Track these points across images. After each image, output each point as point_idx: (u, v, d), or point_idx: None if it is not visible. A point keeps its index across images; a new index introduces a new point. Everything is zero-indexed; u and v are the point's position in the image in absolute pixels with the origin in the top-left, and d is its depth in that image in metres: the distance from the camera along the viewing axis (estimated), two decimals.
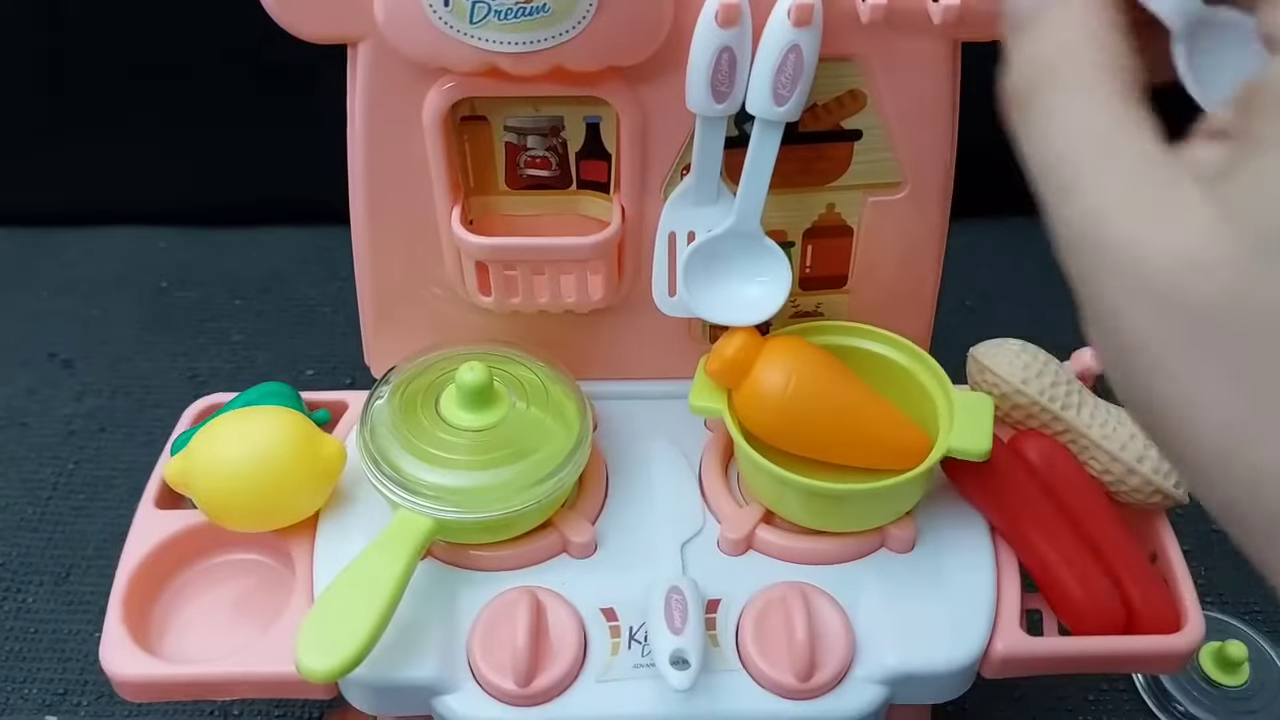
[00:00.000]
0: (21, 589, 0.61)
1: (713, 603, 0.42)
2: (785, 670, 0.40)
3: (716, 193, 0.44)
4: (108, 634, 0.42)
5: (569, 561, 0.44)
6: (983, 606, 0.43)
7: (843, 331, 0.47)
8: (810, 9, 0.39)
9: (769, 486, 0.44)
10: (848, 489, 0.42)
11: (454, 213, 0.45)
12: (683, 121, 0.43)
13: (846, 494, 0.42)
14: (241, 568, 0.45)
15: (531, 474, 0.42)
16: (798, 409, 0.43)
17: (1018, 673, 0.43)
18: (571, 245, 0.45)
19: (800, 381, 0.43)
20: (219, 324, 0.77)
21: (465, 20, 0.39)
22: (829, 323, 0.47)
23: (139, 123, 0.78)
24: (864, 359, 0.46)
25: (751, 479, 0.45)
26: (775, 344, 0.44)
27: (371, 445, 0.43)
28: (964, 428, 0.42)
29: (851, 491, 0.42)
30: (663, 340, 0.49)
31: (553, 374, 0.46)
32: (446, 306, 0.48)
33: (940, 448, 0.42)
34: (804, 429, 0.44)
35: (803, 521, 0.44)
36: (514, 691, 0.39)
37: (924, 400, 0.45)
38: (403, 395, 0.44)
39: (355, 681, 0.40)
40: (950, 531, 0.45)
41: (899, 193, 0.46)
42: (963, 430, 0.42)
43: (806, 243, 0.47)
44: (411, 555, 0.40)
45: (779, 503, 0.44)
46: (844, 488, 0.42)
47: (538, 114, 0.44)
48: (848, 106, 0.44)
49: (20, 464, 0.67)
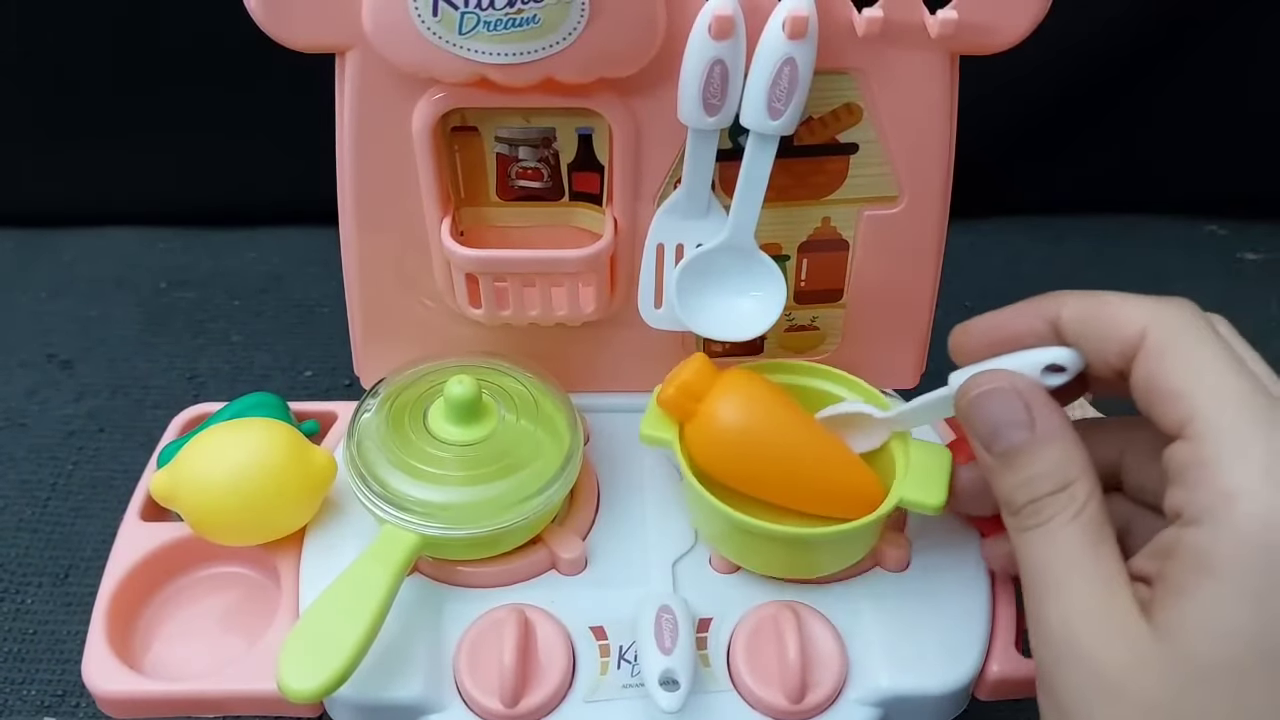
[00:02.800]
0: (20, 590, 0.61)
1: (704, 622, 0.42)
2: (777, 691, 0.40)
3: (707, 206, 0.43)
4: (90, 649, 0.41)
5: (558, 579, 0.44)
6: (978, 627, 0.42)
7: (801, 371, 0.46)
8: (805, 21, 0.38)
9: (707, 520, 0.43)
10: (787, 531, 0.41)
11: (444, 224, 0.44)
12: (676, 134, 0.42)
13: (788, 536, 0.41)
14: (227, 581, 0.45)
15: (521, 489, 0.42)
16: (750, 444, 0.42)
17: (1013, 695, 0.42)
18: (563, 258, 0.45)
19: (755, 417, 0.42)
20: (218, 325, 0.76)
21: (454, 31, 0.38)
22: (788, 361, 0.47)
23: (139, 123, 0.78)
24: (823, 400, 0.45)
25: (693, 510, 0.44)
26: (731, 377, 0.43)
27: (358, 460, 0.42)
28: (918, 479, 0.41)
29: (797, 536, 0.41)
30: (655, 353, 0.48)
31: (543, 386, 0.45)
32: (436, 318, 0.48)
33: (892, 498, 0.41)
34: (755, 466, 0.42)
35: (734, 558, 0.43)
36: (501, 712, 0.39)
37: (880, 448, 0.43)
38: (390, 409, 0.44)
39: (340, 701, 0.40)
40: (945, 550, 0.44)
41: (895, 206, 0.45)
42: (917, 482, 0.41)
43: (802, 256, 0.47)
44: (398, 572, 0.40)
45: (718, 539, 0.43)
46: (783, 529, 0.41)
47: (529, 125, 0.44)
48: (844, 120, 0.43)
49: (19, 465, 0.67)
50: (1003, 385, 0.34)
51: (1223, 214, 0.86)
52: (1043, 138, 0.81)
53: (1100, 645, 0.30)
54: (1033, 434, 0.33)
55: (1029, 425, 0.33)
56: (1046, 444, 0.33)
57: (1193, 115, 0.79)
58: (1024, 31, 0.40)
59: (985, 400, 0.34)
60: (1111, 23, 0.75)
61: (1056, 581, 0.31)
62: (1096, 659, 0.30)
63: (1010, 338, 0.36)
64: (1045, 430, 0.33)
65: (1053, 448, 0.33)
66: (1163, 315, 0.32)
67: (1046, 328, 0.35)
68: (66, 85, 0.77)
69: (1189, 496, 0.30)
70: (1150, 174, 0.83)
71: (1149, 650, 0.29)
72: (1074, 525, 0.32)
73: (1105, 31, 0.75)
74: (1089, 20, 0.73)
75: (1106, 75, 0.78)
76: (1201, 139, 0.80)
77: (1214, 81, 0.78)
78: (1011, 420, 0.33)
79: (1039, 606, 0.32)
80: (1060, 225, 0.85)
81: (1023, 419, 0.33)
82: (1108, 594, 0.31)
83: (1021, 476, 0.33)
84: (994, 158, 0.79)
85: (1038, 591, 0.32)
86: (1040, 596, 0.32)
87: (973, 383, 0.35)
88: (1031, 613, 0.32)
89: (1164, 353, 0.31)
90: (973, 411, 0.35)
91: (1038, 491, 0.32)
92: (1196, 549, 0.29)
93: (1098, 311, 0.34)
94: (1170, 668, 0.29)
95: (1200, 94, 0.78)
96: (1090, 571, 0.31)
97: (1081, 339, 0.34)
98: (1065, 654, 0.31)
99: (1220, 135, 0.80)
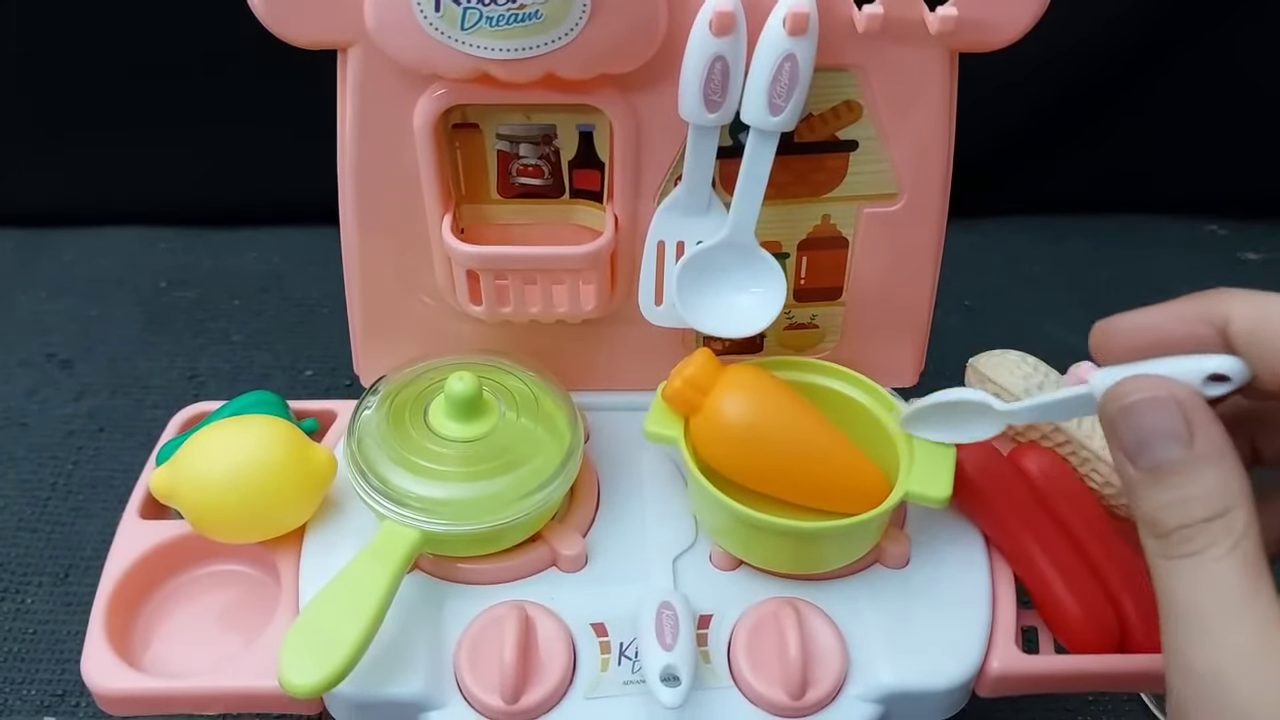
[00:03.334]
0: (20, 590, 0.61)
1: (704, 618, 0.42)
2: (778, 688, 0.39)
3: (708, 203, 0.43)
4: (90, 646, 0.41)
5: (559, 575, 0.44)
6: (978, 623, 0.42)
7: (805, 368, 0.46)
8: (805, 18, 0.38)
9: (713, 515, 0.43)
10: (794, 525, 0.41)
11: (445, 221, 0.44)
12: (677, 131, 0.42)
13: (794, 530, 0.41)
14: (226, 579, 0.45)
15: (521, 486, 0.42)
16: (755, 438, 0.42)
17: (1013, 691, 0.42)
18: (564, 255, 0.45)
19: (760, 410, 0.42)
20: (218, 324, 0.77)
21: (456, 26, 0.38)
22: (791, 358, 0.47)
23: (138, 123, 0.78)
24: (826, 397, 0.45)
25: (698, 505, 0.44)
26: (736, 371, 0.43)
27: (359, 456, 0.42)
28: (924, 473, 0.41)
29: (803, 530, 0.41)
30: (656, 351, 0.48)
31: (543, 384, 0.45)
32: (437, 316, 0.48)
33: (898, 492, 0.41)
34: (759, 460, 0.42)
35: (739, 553, 0.43)
36: (501, 708, 0.39)
37: (885, 443, 0.44)
38: (391, 406, 0.44)
39: (340, 697, 0.40)
40: (945, 546, 0.44)
41: (895, 204, 0.45)
42: (922, 475, 0.41)
43: (801, 254, 0.47)
44: (398, 568, 0.40)
45: (722, 533, 0.43)
46: (789, 524, 0.41)
47: (530, 122, 0.44)
48: (843, 117, 0.43)
49: (19, 464, 0.67)
50: (1161, 394, 0.31)
51: (1223, 214, 0.86)
52: (1043, 138, 0.81)
53: (1253, 693, 0.28)
54: (1191, 451, 0.30)
55: (1187, 441, 0.30)
56: (1206, 464, 0.30)
57: (1193, 115, 0.79)
58: (1023, 29, 0.40)
59: (1140, 409, 0.31)
60: (1112, 22, 0.75)
61: (1207, 619, 0.29)
62: (1246, 706, 0.28)
63: (1165, 340, 0.32)
64: (1206, 448, 0.30)
65: (1213, 469, 0.30)
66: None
67: (1211, 332, 0.32)
68: (66, 85, 0.77)
69: None
70: (1150, 174, 0.83)
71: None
72: (1230, 559, 0.29)
73: (1105, 31, 0.76)
74: (1089, 20, 0.73)
75: (1107, 75, 0.78)
76: (1201, 139, 0.80)
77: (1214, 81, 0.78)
78: (1168, 433, 0.30)
79: (1185, 644, 0.29)
80: (1060, 225, 0.85)
81: (1181, 433, 0.30)
82: (1264, 638, 0.28)
83: (1173, 496, 0.30)
84: (994, 157, 0.79)
85: (1183, 627, 0.29)
86: (1186, 633, 0.29)
87: (1126, 388, 0.32)
88: (1174, 647, 0.30)
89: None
90: (1122, 419, 0.31)
91: (1192, 516, 0.29)
92: None
93: (1274, 316, 0.31)
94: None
95: (1201, 94, 0.78)
96: (1247, 613, 0.28)
97: (1252, 349, 0.31)
98: (1212, 695, 0.28)
99: (1220, 135, 0.80)
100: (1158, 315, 0.33)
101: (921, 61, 0.42)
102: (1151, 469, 0.30)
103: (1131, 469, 0.31)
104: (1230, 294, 0.32)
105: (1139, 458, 0.31)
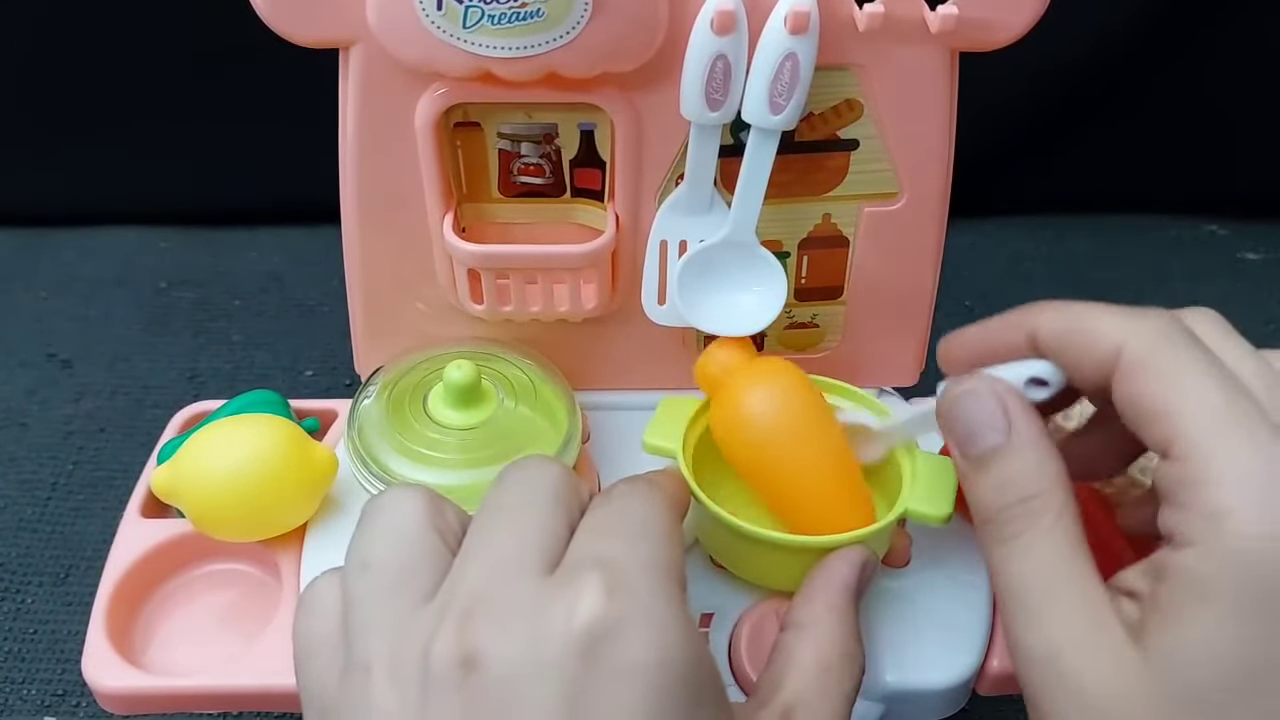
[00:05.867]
0: (20, 589, 0.61)
1: (705, 617, 0.42)
2: None
3: (710, 201, 0.43)
4: (90, 645, 0.41)
5: None
6: (979, 622, 0.42)
7: None
8: (806, 16, 0.38)
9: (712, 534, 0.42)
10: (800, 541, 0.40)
11: (446, 220, 0.44)
12: (678, 129, 0.42)
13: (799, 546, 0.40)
14: (227, 578, 0.45)
15: None
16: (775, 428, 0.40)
17: (1014, 690, 0.42)
18: (565, 254, 0.45)
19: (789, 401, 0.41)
20: (218, 324, 0.76)
21: (458, 25, 0.38)
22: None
23: (138, 123, 0.78)
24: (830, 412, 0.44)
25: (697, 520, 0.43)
26: (768, 361, 0.43)
27: (359, 445, 0.43)
28: (925, 491, 0.40)
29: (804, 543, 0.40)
30: (656, 351, 0.48)
31: (542, 373, 0.46)
32: (438, 314, 0.48)
33: (898, 510, 0.40)
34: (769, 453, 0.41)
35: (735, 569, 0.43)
36: None
37: (887, 459, 0.43)
38: (390, 394, 0.44)
39: None
40: (946, 545, 0.44)
41: (895, 203, 0.45)
42: (923, 494, 0.40)
43: (802, 253, 0.47)
44: None
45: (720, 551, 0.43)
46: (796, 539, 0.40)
47: (531, 121, 0.44)
48: (844, 116, 0.43)
49: (19, 464, 0.67)
50: (982, 390, 0.34)
51: (1223, 214, 0.86)
52: (1043, 138, 0.81)
53: (1087, 671, 0.30)
54: (1009, 439, 0.33)
55: (1005, 430, 0.33)
56: (1023, 450, 0.33)
57: (1193, 115, 0.79)
58: (1024, 27, 0.40)
59: (965, 402, 0.34)
60: (1112, 22, 0.75)
61: (1038, 602, 0.31)
62: (1083, 685, 0.30)
63: (993, 350, 0.35)
64: (1022, 436, 0.33)
65: (1029, 453, 0.32)
66: (1138, 331, 0.31)
67: (1026, 341, 0.34)
68: (66, 85, 0.77)
69: (1180, 517, 0.29)
70: (1150, 174, 0.83)
71: (1137, 676, 0.29)
72: (1049, 538, 0.31)
73: (1106, 31, 0.76)
74: (1090, 19, 0.73)
75: (1107, 75, 0.78)
76: (1202, 139, 0.80)
77: (1214, 81, 0.78)
78: (988, 423, 0.33)
79: (1021, 629, 0.31)
80: (1060, 225, 0.85)
81: (999, 423, 0.33)
82: (1092, 616, 0.30)
83: (994, 480, 0.33)
84: (994, 157, 0.79)
85: (1018, 612, 0.31)
86: (1021, 617, 0.31)
87: (955, 388, 0.35)
88: (1012, 634, 0.32)
89: (1141, 371, 0.31)
90: (951, 413, 0.34)
91: (1011, 497, 0.32)
92: (1186, 572, 0.29)
93: (1073, 327, 0.33)
94: (1159, 694, 0.28)
95: (1201, 94, 0.78)
96: (1072, 592, 0.31)
97: (1059, 355, 0.33)
98: (1050, 678, 0.30)
99: (1221, 135, 0.80)
100: (989, 327, 0.36)
101: (922, 60, 0.42)
102: (977, 457, 0.33)
103: (964, 462, 0.34)
104: (1041, 307, 0.34)
105: (967, 447, 0.34)
